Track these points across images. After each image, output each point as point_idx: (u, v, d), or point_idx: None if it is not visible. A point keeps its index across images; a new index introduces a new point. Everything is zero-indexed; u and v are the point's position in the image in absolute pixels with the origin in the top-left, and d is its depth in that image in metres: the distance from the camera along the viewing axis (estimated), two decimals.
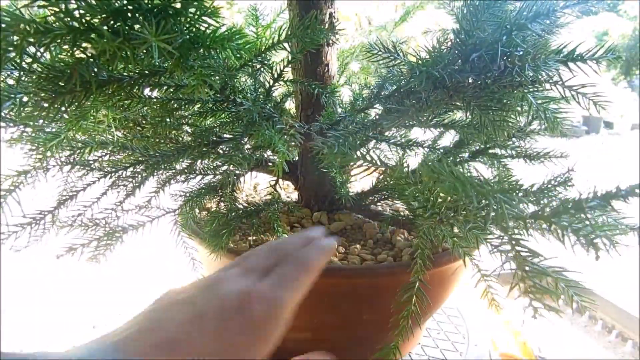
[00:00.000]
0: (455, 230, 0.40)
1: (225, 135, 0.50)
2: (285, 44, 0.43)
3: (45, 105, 0.31)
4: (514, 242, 0.29)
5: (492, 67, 0.37)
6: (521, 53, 0.37)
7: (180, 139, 0.55)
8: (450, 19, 0.42)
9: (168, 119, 0.49)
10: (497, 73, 0.37)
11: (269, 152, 0.55)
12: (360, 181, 0.71)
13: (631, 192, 0.27)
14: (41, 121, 0.41)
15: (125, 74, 0.35)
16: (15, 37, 0.27)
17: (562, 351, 1.39)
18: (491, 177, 0.48)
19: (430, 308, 0.56)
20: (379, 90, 0.49)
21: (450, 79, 0.38)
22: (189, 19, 0.31)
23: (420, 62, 0.39)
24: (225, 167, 0.55)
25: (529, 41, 0.38)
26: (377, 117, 0.49)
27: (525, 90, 0.38)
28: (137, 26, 0.29)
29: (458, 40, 0.39)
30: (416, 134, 0.58)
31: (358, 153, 0.36)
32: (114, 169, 0.51)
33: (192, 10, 0.30)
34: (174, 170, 0.54)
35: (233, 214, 0.52)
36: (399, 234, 0.55)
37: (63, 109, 0.32)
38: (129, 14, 0.29)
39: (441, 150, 0.58)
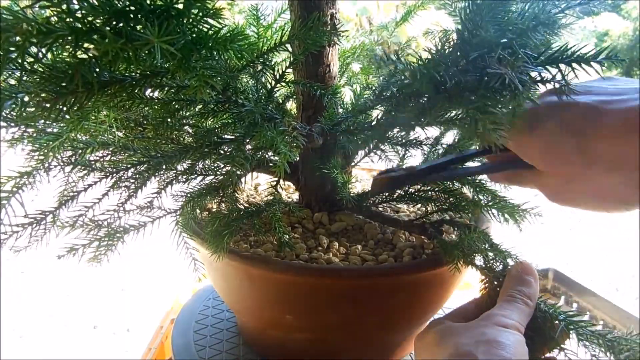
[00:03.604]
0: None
1: (226, 136, 0.50)
2: (287, 45, 0.42)
3: (47, 105, 0.31)
4: None
5: (496, 69, 0.36)
6: (521, 56, 0.37)
7: (182, 139, 0.55)
8: (451, 20, 0.42)
9: (169, 120, 0.49)
10: (498, 76, 0.36)
11: (270, 153, 0.55)
12: (362, 182, 0.71)
13: None
14: (42, 122, 0.41)
15: (127, 74, 0.35)
16: (17, 38, 0.27)
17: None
18: None
19: (431, 308, 0.56)
20: (380, 91, 0.49)
21: (452, 80, 0.38)
22: (191, 20, 0.31)
23: (421, 64, 0.39)
24: (227, 168, 0.55)
25: (532, 43, 0.38)
26: (378, 117, 0.49)
27: (526, 93, 0.37)
28: (139, 27, 0.29)
29: (460, 40, 0.39)
30: (417, 133, 0.57)
31: None
32: (115, 170, 0.51)
33: (195, 11, 0.30)
34: (175, 171, 0.54)
35: (234, 214, 0.52)
36: (399, 235, 0.55)
37: (65, 109, 0.32)
38: (132, 15, 0.29)
39: (444, 146, 0.58)
